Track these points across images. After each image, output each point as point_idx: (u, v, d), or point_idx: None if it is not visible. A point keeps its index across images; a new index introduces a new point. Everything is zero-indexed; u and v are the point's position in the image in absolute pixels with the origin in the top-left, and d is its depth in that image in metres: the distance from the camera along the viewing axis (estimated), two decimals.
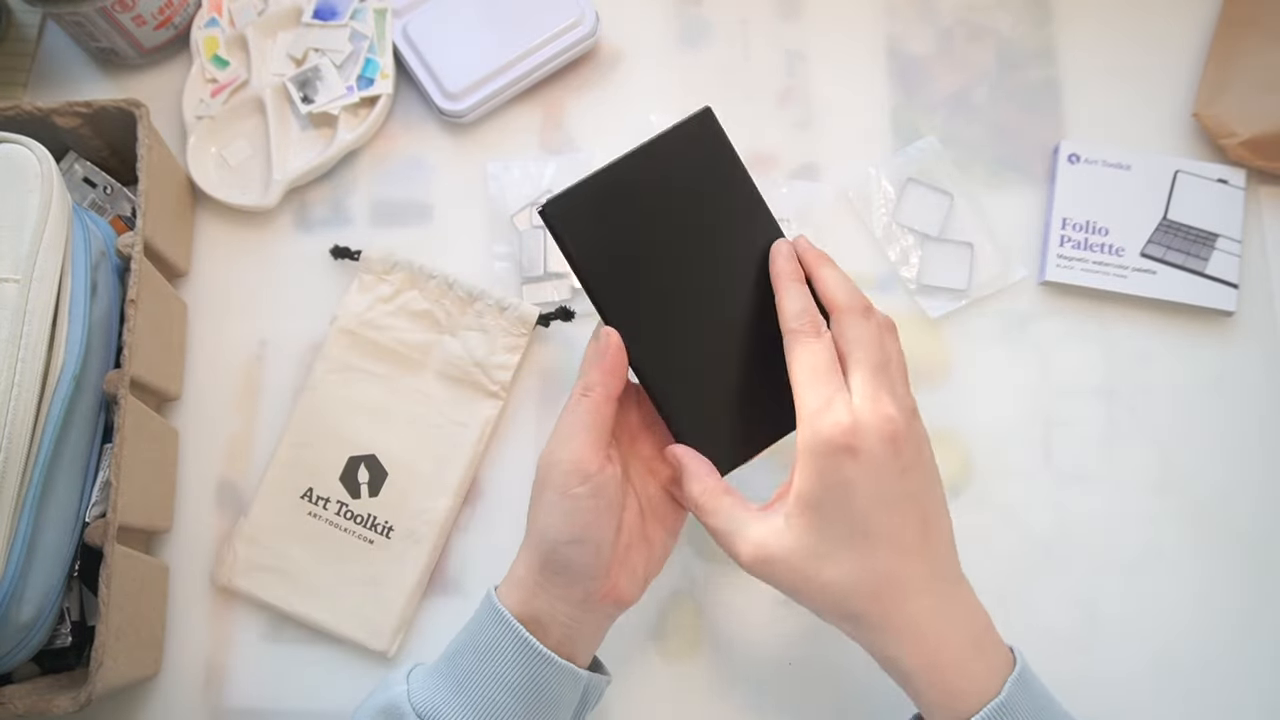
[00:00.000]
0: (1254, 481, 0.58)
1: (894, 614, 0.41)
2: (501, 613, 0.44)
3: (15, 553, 0.45)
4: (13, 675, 0.51)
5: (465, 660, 0.45)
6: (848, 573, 0.41)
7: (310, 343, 0.60)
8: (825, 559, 0.41)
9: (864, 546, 0.41)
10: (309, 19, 0.64)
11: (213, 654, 0.56)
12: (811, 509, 0.41)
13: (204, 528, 0.58)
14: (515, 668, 0.43)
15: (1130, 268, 0.60)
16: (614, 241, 0.46)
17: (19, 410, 0.45)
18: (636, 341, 0.46)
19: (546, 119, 0.64)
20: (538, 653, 0.43)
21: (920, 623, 0.42)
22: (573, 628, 0.45)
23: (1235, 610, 0.56)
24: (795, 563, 0.42)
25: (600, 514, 0.44)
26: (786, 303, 0.45)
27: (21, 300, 0.46)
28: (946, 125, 0.64)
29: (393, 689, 0.44)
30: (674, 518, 0.49)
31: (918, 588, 0.42)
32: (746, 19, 0.66)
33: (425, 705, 0.43)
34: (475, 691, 0.43)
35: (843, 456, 0.41)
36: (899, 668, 0.42)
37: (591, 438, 0.44)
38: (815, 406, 0.42)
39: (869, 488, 0.41)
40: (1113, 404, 0.59)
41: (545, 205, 0.45)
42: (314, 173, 0.62)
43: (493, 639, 0.44)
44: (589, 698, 0.47)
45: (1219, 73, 0.62)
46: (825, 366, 0.43)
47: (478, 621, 0.46)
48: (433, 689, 0.44)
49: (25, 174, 0.48)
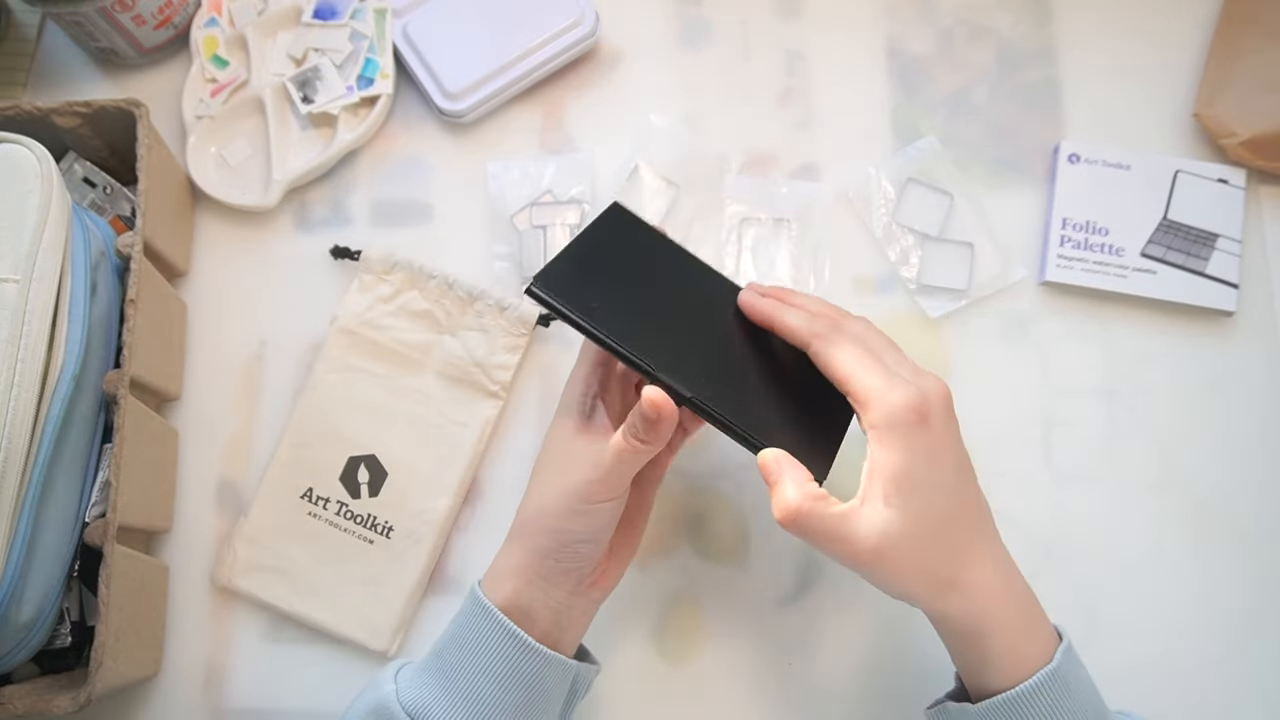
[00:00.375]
0: (1254, 481, 0.58)
1: (976, 572, 0.43)
2: (488, 607, 0.44)
3: (15, 553, 0.45)
4: (13, 675, 0.51)
5: (451, 656, 0.45)
6: (946, 539, 0.42)
7: (310, 343, 0.60)
8: (933, 535, 0.42)
9: (953, 509, 0.43)
10: (309, 19, 0.64)
11: (213, 654, 0.56)
12: (909, 483, 0.41)
13: (204, 528, 0.58)
14: (503, 661, 0.44)
15: (1130, 268, 0.60)
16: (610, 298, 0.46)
17: (19, 410, 0.45)
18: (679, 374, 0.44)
19: (546, 119, 0.64)
20: (525, 644, 0.44)
21: (995, 581, 0.43)
22: (562, 615, 0.45)
23: (1236, 610, 0.56)
24: (910, 546, 0.42)
25: (613, 517, 0.46)
26: (791, 323, 0.45)
27: (21, 300, 0.46)
28: (946, 125, 0.64)
29: (381, 688, 0.45)
30: (648, 496, 0.50)
31: (987, 547, 0.44)
32: (746, 19, 0.66)
33: (414, 703, 0.43)
34: (464, 686, 0.43)
35: (921, 427, 0.42)
36: (973, 626, 0.42)
37: (630, 472, 0.45)
38: (878, 386, 0.42)
39: (947, 451, 0.43)
40: (1113, 404, 0.59)
41: (532, 283, 0.44)
42: (314, 173, 0.62)
43: (479, 633, 0.44)
44: (578, 687, 0.47)
45: (1219, 72, 0.62)
46: (863, 353, 0.44)
47: (463, 616, 0.46)
48: (420, 686, 0.44)
49: (25, 174, 0.48)
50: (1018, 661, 0.42)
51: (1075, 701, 0.42)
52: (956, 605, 0.43)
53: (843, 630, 0.56)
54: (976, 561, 0.43)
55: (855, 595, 0.56)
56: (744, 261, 0.61)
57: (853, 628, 0.56)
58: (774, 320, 0.46)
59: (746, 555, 0.57)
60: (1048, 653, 0.42)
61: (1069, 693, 0.42)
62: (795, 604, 0.56)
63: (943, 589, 0.42)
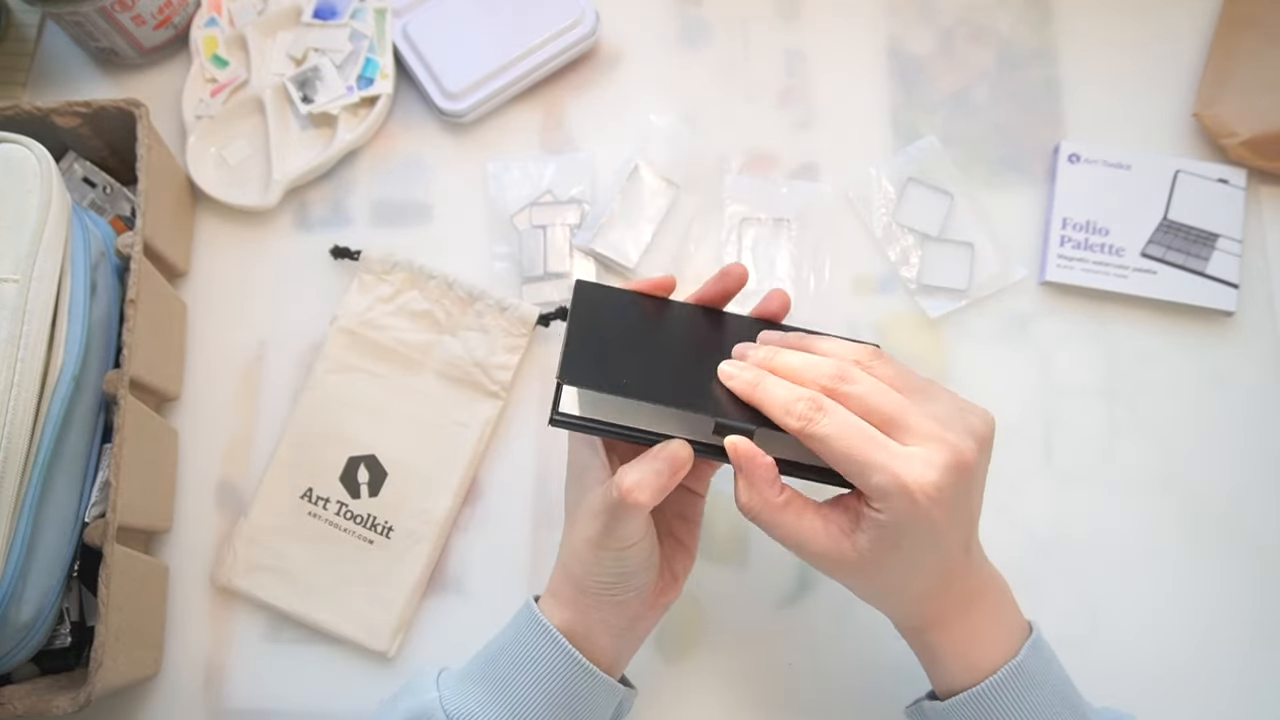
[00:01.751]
0: (1254, 481, 0.58)
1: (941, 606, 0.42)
2: (547, 626, 0.44)
3: (15, 553, 0.45)
4: (12, 675, 0.51)
5: (503, 668, 0.44)
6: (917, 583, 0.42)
7: (310, 343, 0.60)
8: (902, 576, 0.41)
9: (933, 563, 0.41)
10: (309, 19, 0.64)
11: (213, 654, 0.56)
12: (890, 546, 0.39)
13: (204, 528, 0.58)
14: (557, 679, 0.43)
15: (1130, 268, 0.60)
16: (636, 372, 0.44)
17: (18, 410, 0.45)
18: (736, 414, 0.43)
19: (546, 119, 0.64)
20: (582, 666, 0.43)
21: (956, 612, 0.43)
22: (623, 640, 0.45)
23: (1236, 609, 0.56)
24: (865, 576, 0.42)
25: (648, 555, 0.43)
26: (769, 406, 0.41)
27: (21, 300, 0.46)
28: (946, 125, 0.64)
29: (423, 695, 0.44)
30: (696, 508, 0.48)
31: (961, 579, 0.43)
32: (746, 19, 0.66)
33: (461, 712, 0.42)
34: (514, 700, 0.43)
35: (926, 513, 0.38)
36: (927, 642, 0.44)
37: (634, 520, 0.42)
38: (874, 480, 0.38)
39: (949, 521, 0.39)
40: (1113, 404, 0.59)
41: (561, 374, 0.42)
42: (314, 173, 0.62)
43: (535, 650, 0.44)
44: (621, 711, 0.48)
45: (1219, 73, 0.62)
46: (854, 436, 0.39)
47: (517, 631, 0.45)
48: (467, 695, 0.43)
49: (25, 174, 0.48)
50: (980, 657, 0.42)
51: (1043, 695, 0.42)
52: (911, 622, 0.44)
53: (843, 630, 0.56)
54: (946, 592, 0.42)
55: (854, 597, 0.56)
56: (744, 261, 0.61)
57: (853, 628, 0.56)
58: (752, 400, 0.41)
59: (746, 555, 0.57)
60: (1013, 647, 0.42)
61: (1034, 686, 0.42)
62: (795, 604, 0.56)
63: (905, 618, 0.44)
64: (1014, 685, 0.41)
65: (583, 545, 0.43)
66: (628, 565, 0.43)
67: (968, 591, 0.43)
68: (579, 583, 0.44)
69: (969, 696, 0.42)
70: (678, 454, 0.41)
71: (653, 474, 0.40)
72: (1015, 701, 0.41)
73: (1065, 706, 0.42)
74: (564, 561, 0.45)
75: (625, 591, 0.44)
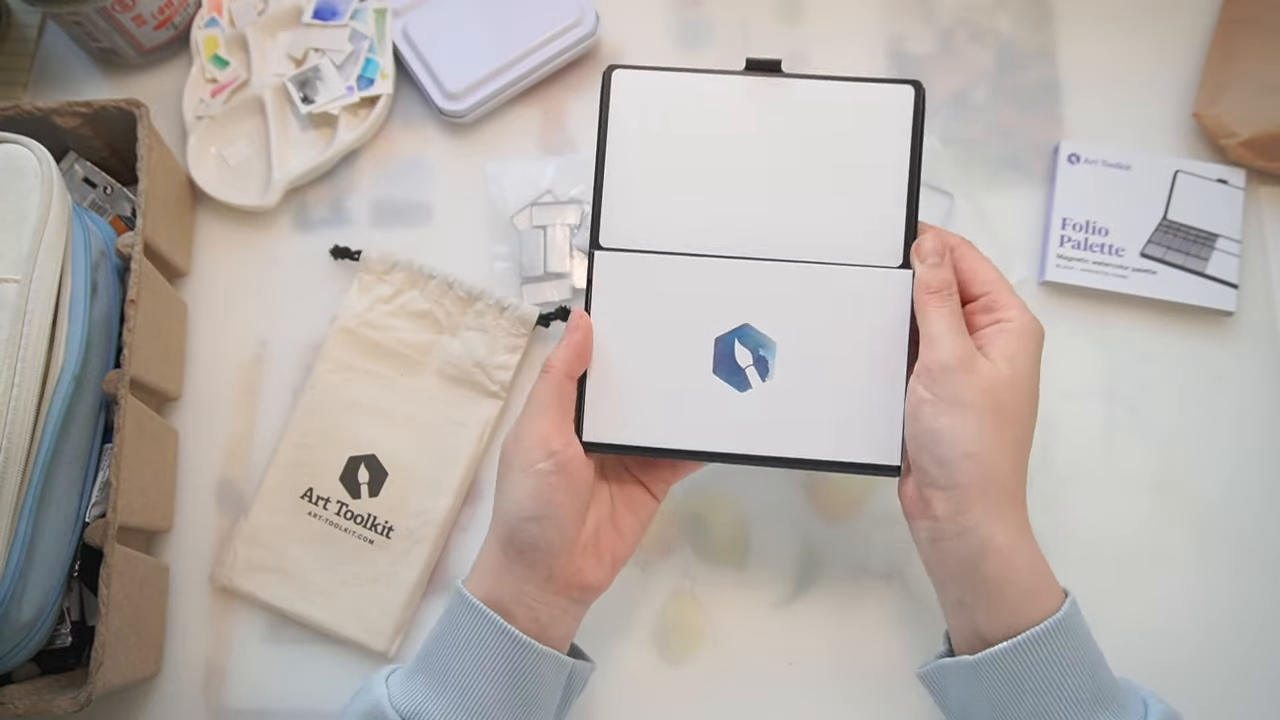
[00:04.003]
0: (1254, 481, 0.58)
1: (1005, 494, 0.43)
2: (471, 602, 0.44)
3: (15, 553, 0.45)
4: (13, 675, 0.51)
5: (441, 656, 0.44)
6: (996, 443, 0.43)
7: (310, 343, 0.60)
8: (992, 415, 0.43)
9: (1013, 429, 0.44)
10: (309, 19, 0.64)
11: (213, 654, 0.56)
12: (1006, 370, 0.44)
13: (204, 528, 0.58)
14: (493, 656, 0.43)
15: (1130, 268, 0.60)
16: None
17: (19, 410, 0.45)
18: None
19: (546, 119, 0.64)
20: (514, 639, 0.43)
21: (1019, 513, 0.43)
22: (539, 610, 0.44)
23: (1235, 609, 0.56)
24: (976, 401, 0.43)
25: (564, 491, 0.44)
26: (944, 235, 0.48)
27: (21, 300, 0.46)
28: (946, 125, 0.64)
29: (372, 692, 0.44)
30: (645, 507, 0.49)
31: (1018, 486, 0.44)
32: (746, 20, 0.66)
33: (407, 706, 0.43)
34: (455, 685, 0.43)
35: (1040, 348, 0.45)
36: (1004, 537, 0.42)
37: (554, 415, 0.45)
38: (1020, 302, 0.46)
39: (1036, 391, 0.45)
40: (1113, 404, 0.59)
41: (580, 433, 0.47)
42: (314, 173, 0.62)
43: (467, 630, 0.44)
44: (574, 684, 0.47)
45: (1219, 73, 0.62)
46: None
47: (449, 614, 0.46)
48: (412, 688, 0.44)
49: (25, 174, 0.48)
50: (1024, 612, 0.42)
51: (1081, 654, 0.42)
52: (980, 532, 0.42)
53: (843, 630, 0.56)
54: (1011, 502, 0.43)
55: (855, 596, 0.56)
56: None
57: (853, 628, 0.56)
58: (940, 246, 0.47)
59: (746, 555, 0.57)
60: (1053, 606, 0.42)
61: (1075, 644, 0.42)
62: (795, 604, 0.56)
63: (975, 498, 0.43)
64: (1054, 640, 0.41)
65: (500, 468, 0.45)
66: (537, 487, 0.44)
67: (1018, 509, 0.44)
68: (494, 533, 0.45)
69: (1009, 648, 0.41)
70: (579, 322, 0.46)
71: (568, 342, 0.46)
72: (1052, 656, 0.41)
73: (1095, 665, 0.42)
74: (494, 515, 0.46)
75: (529, 542, 0.44)
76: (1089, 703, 0.41)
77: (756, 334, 0.46)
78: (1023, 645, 0.41)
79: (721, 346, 0.46)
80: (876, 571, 0.56)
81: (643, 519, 0.49)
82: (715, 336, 0.46)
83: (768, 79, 0.47)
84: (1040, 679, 0.41)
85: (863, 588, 0.56)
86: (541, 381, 0.45)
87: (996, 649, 0.42)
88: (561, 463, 0.44)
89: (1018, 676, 0.41)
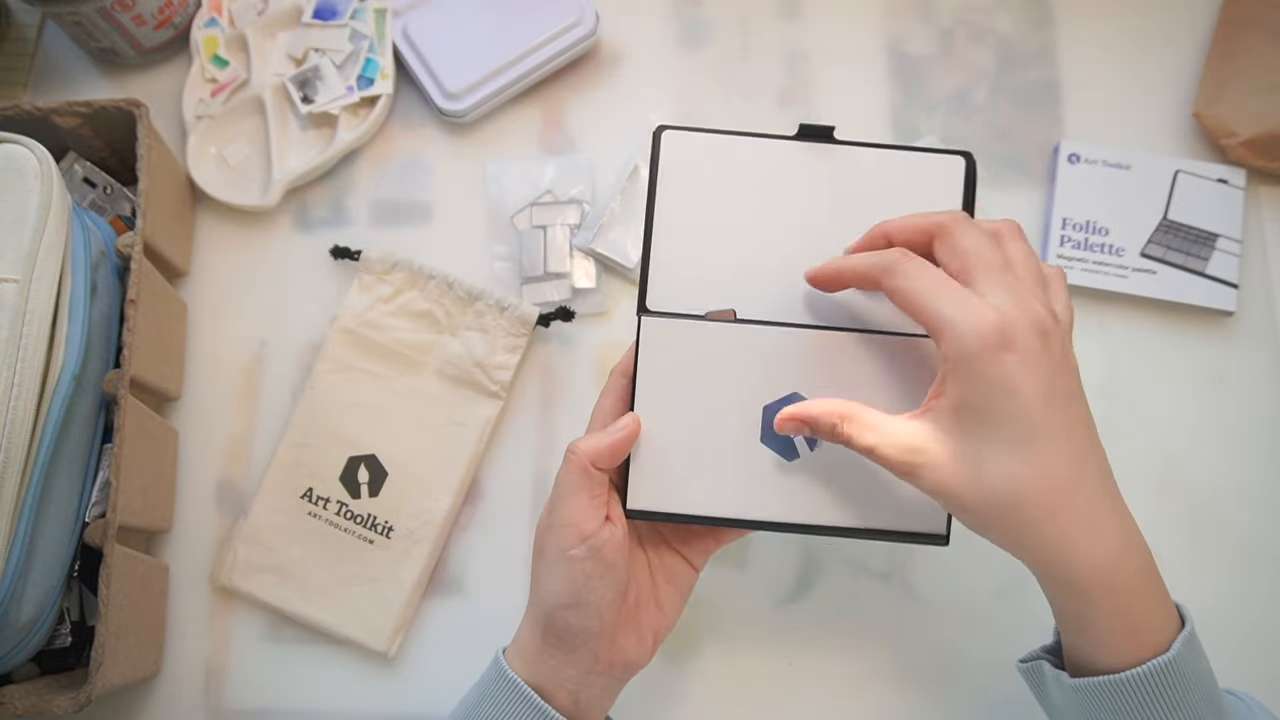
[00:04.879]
0: (1254, 481, 0.58)
1: (1069, 508, 0.38)
2: (512, 679, 0.43)
3: (15, 553, 0.45)
4: (13, 675, 0.51)
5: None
6: (1014, 473, 0.38)
7: (310, 343, 0.60)
8: (986, 460, 0.38)
9: (1032, 446, 0.38)
10: (309, 19, 0.64)
11: (213, 654, 0.56)
12: (968, 411, 0.38)
13: (204, 528, 0.58)
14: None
15: (1130, 268, 0.60)
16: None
17: (19, 410, 0.45)
18: None
19: (546, 119, 0.64)
20: (548, 717, 0.42)
21: (1100, 522, 0.38)
22: (580, 693, 0.44)
23: (1235, 609, 0.56)
24: (948, 463, 0.39)
25: (599, 576, 0.42)
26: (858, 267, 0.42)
27: (21, 300, 0.46)
28: (946, 125, 0.64)
29: None
30: (685, 579, 0.47)
31: (1093, 488, 0.38)
32: (746, 19, 0.66)
33: None
34: None
35: (999, 354, 0.37)
36: (1071, 575, 0.38)
37: (583, 498, 0.42)
38: (952, 315, 0.38)
39: (1031, 384, 0.37)
40: (1113, 404, 0.59)
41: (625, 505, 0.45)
42: (314, 173, 0.62)
43: (503, 708, 0.43)
44: None
45: (1219, 73, 0.62)
46: (939, 278, 0.39)
47: (485, 687, 0.45)
48: None
49: (25, 174, 0.48)
50: (1126, 642, 0.38)
51: (1190, 696, 0.38)
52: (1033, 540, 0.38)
53: (843, 630, 0.56)
54: (1074, 496, 0.38)
55: (855, 595, 0.56)
56: None
57: (852, 628, 0.56)
58: (842, 274, 0.43)
59: (746, 555, 0.57)
60: (1164, 638, 0.38)
61: (1184, 687, 0.38)
62: (795, 604, 0.56)
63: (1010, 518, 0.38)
64: (1160, 683, 0.38)
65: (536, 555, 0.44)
66: (576, 577, 0.42)
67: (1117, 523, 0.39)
68: (532, 616, 0.44)
69: (1106, 684, 0.38)
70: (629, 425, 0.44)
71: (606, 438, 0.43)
72: (1158, 699, 0.38)
73: (1209, 710, 0.39)
74: (530, 599, 0.45)
75: (566, 629, 0.43)
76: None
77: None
78: (1119, 685, 0.38)
79: (770, 415, 0.45)
80: (876, 571, 0.56)
81: (684, 591, 0.47)
82: (764, 405, 0.45)
83: (818, 145, 0.47)
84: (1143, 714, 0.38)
85: (863, 588, 0.56)
86: (566, 466, 0.43)
87: (1092, 681, 0.39)
88: (595, 547, 0.42)
89: (1114, 710, 0.39)
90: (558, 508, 0.43)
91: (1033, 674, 0.44)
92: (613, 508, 0.44)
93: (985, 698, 0.54)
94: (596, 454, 0.43)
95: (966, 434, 0.38)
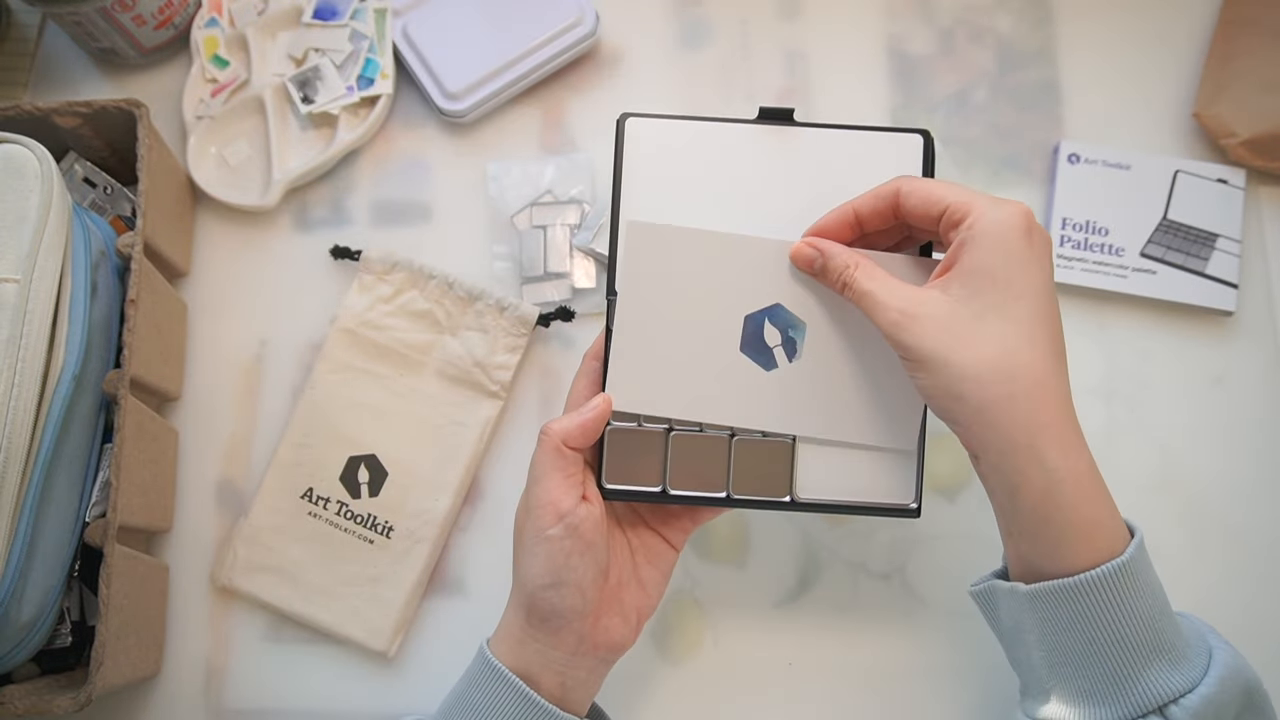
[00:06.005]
0: (1254, 481, 0.58)
1: (1049, 400, 0.40)
2: (496, 667, 0.43)
3: (15, 553, 0.45)
4: (13, 675, 0.51)
5: (460, 716, 0.44)
6: (1009, 344, 0.40)
7: (310, 343, 0.60)
8: (985, 323, 0.40)
9: (1035, 323, 0.40)
10: (309, 19, 0.64)
11: (213, 654, 0.56)
12: (983, 275, 0.40)
13: (204, 528, 0.58)
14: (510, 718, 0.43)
15: (1130, 268, 0.60)
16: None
17: (19, 410, 0.45)
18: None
19: (546, 119, 0.65)
20: (535, 704, 0.42)
21: (1071, 423, 0.40)
22: (566, 675, 0.44)
23: (1235, 609, 0.56)
24: (943, 324, 0.40)
25: (578, 554, 0.43)
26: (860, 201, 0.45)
27: (21, 300, 0.46)
28: (946, 125, 0.64)
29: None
30: (665, 558, 0.48)
31: (1067, 391, 0.41)
32: (746, 19, 0.66)
33: None
34: None
35: (1026, 235, 0.41)
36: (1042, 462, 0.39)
37: (558, 478, 0.43)
38: (981, 199, 0.41)
39: (1045, 272, 0.41)
40: (1112, 403, 0.59)
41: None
42: (314, 173, 0.62)
43: (489, 695, 0.43)
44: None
45: (1219, 73, 0.62)
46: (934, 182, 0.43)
47: (471, 676, 0.45)
48: None
49: (25, 174, 0.48)
50: (1081, 545, 0.39)
51: (1143, 602, 0.39)
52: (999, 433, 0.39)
53: (843, 630, 0.56)
54: (1044, 400, 0.40)
55: (855, 595, 0.56)
56: None
57: (852, 628, 0.56)
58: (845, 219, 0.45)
59: (746, 555, 0.57)
60: (1118, 544, 0.40)
61: (1137, 590, 0.39)
62: (795, 604, 0.56)
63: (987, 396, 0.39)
64: (1116, 585, 0.39)
65: (517, 536, 0.44)
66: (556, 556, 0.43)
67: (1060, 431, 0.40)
68: (515, 600, 0.44)
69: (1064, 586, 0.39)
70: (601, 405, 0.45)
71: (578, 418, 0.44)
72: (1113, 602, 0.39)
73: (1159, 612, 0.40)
74: (513, 582, 0.45)
75: (550, 609, 0.43)
76: (1146, 650, 0.39)
77: (787, 314, 0.46)
78: (1075, 587, 0.39)
79: (751, 324, 0.46)
80: (876, 571, 0.56)
81: (664, 570, 0.48)
82: (745, 314, 0.46)
83: (779, 127, 0.48)
84: (1093, 621, 0.39)
85: (863, 588, 0.56)
86: (539, 448, 0.44)
87: (1048, 585, 0.40)
88: (573, 525, 0.43)
89: (1069, 614, 0.39)
90: (533, 489, 0.44)
91: (985, 595, 0.45)
92: (589, 487, 0.45)
93: (985, 698, 0.54)
94: (568, 434, 0.44)
95: (973, 297, 0.40)
